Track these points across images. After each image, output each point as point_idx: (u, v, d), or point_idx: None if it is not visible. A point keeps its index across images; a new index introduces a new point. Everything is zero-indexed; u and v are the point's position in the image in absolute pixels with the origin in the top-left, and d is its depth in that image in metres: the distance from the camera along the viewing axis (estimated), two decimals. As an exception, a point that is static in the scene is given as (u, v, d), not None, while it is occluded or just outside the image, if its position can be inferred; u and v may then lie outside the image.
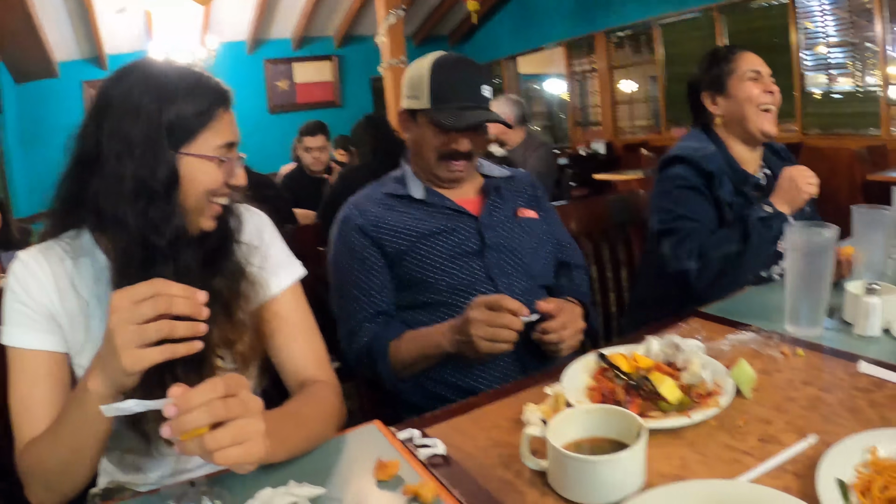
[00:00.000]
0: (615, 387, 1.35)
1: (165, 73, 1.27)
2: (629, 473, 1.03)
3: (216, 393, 0.94)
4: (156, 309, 0.98)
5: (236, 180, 1.33)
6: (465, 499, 1.06)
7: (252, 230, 1.46)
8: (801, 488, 1.01)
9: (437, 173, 1.91)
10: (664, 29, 8.98)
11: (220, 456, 0.93)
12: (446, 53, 1.93)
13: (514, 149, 5.11)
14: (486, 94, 1.88)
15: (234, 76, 10.76)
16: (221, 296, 1.31)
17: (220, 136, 1.28)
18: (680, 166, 2.12)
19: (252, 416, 0.97)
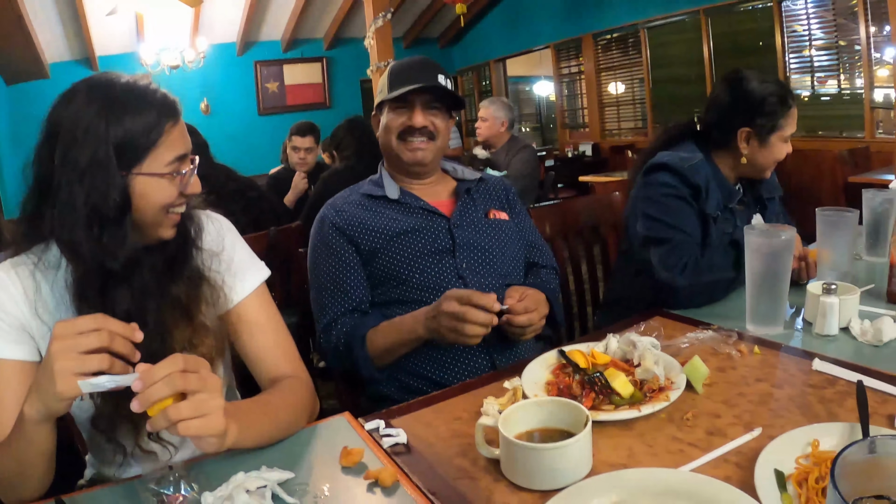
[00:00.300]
0: (571, 381, 1.41)
1: (111, 92, 1.24)
2: (575, 461, 1.08)
3: (176, 367, 1.02)
4: (99, 341, 1.03)
5: (191, 189, 1.33)
6: (423, 483, 1.13)
7: (213, 235, 1.48)
8: (741, 478, 1.06)
9: (399, 155, 1.98)
10: (651, 32, 9.04)
11: (182, 427, 1.02)
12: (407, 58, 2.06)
13: (498, 151, 5.16)
14: (441, 81, 1.96)
15: (225, 78, 10.82)
16: (180, 301, 1.35)
17: (170, 151, 1.27)
18: (666, 174, 2.12)
19: (211, 392, 1.05)
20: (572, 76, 11.03)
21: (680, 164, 2.11)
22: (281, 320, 1.55)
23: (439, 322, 1.64)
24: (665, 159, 2.15)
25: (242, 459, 1.22)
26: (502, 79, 12.62)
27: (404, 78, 1.94)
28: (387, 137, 1.99)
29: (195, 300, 1.38)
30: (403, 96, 1.92)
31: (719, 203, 2.13)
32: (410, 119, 1.93)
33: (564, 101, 11.36)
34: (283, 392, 1.40)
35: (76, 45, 9.47)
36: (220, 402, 1.06)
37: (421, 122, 1.93)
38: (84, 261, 1.21)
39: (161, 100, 1.28)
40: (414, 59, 2.02)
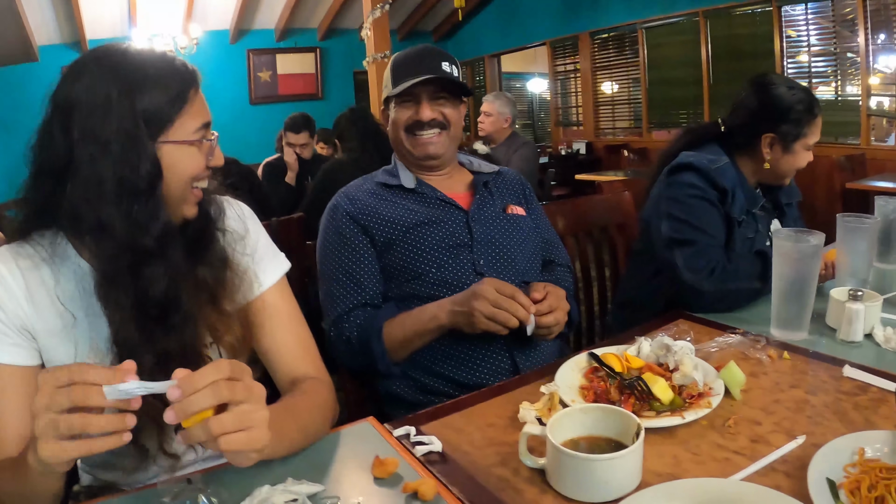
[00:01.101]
0: (608, 386, 1.37)
1: (129, 61, 1.18)
2: (627, 472, 1.05)
3: (221, 374, 0.92)
4: (70, 400, 0.86)
5: (215, 161, 1.29)
6: (465, 496, 1.07)
7: (235, 220, 1.41)
8: (791, 487, 1.04)
9: (409, 150, 1.93)
10: (648, 32, 9.04)
11: (224, 441, 0.91)
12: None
13: (498, 147, 5.13)
14: (446, 68, 1.90)
15: (217, 65, 10.72)
16: (207, 285, 1.27)
17: (196, 119, 1.23)
18: (692, 174, 2.09)
19: (256, 402, 0.95)
20: (567, 74, 11.03)
21: (707, 165, 2.09)
22: (302, 317, 1.49)
23: (472, 304, 1.59)
24: (691, 160, 2.12)
25: (265, 470, 1.14)
26: (497, 74, 12.61)
27: (407, 70, 1.89)
28: (396, 133, 1.95)
29: (221, 284, 1.31)
30: (409, 90, 1.87)
31: (743, 207, 2.10)
32: (418, 113, 1.89)
33: (559, 98, 11.34)
34: (308, 396, 1.32)
35: (67, 28, 9.34)
36: (266, 414, 0.96)
37: (429, 115, 1.89)
38: (114, 237, 1.12)
39: (182, 67, 1.23)
40: (415, 48, 1.97)
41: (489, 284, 1.59)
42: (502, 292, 1.57)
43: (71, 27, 9.30)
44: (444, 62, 1.90)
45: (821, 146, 6.58)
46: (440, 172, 2.00)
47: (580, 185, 7.80)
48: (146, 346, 1.13)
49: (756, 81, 2.20)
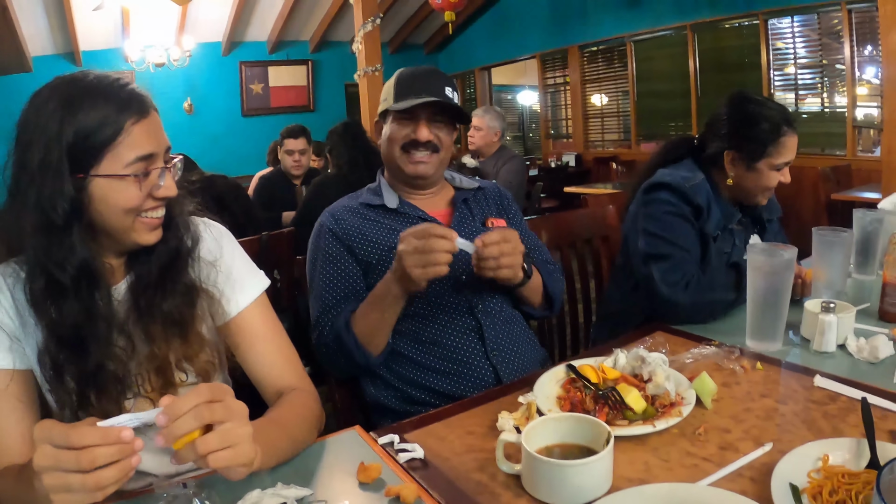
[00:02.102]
0: (584, 396, 1.42)
1: (72, 89, 1.18)
2: (598, 477, 1.09)
3: (201, 398, 0.97)
4: (79, 465, 0.90)
5: (163, 192, 1.25)
6: (445, 500, 1.13)
7: (210, 244, 1.44)
8: (756, 492, 1.09)
9: (401, 167, 1.94)
10: (637, 45, 9.12)
11: (212, 459, 0.97)
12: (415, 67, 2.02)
13: (487, 160, 5.16)
14: (448, 93, 1.93)
15: (209, 77, 10.77)
16: (172, 317, 1.31)
17: (132, 150, 1.19)
18: (667, 192, 2.13)
19: (238, 420, 1.01)
20: (557, 87, 11.09)
21: (682, 183, 2.13)
22: (283, 330, 1.52)
23: (403, 263, 1.60)
24: (667, 179, 2.16)
25: (256, 475, 1.17)
26: (487, 87, 12.65)
27: (412, 88, 1.91)
28: (390, 148, 1.96)
29: (189, 315, 1.34)
30: (409, 108, 1.89)
31: (719, 223, 2.15)
32: (415, 132, 1.89)
33: (549, 111, 11.42)
34: (294, 406, 1.37)
35: (60, 39, 9.36)
36: (249, 430, 1.02)
37: (426, 136, 1.90)
38: (34, 270, 1.18)
39: (124, 95, 1.21)
40: (422, 68, 1.99)
41: (404, 238, 1.61)
42: (417, 236, 1.59)
43: (64, 38, 9.31)
44: (448, 87, 1.93)
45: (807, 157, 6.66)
46: (426, 191, 2.03)
47: (569, 198, 7.83)
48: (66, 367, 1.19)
49: (730, 96, 2.23)
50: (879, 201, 2.77)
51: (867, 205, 2.45)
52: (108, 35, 9.61)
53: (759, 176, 2.14)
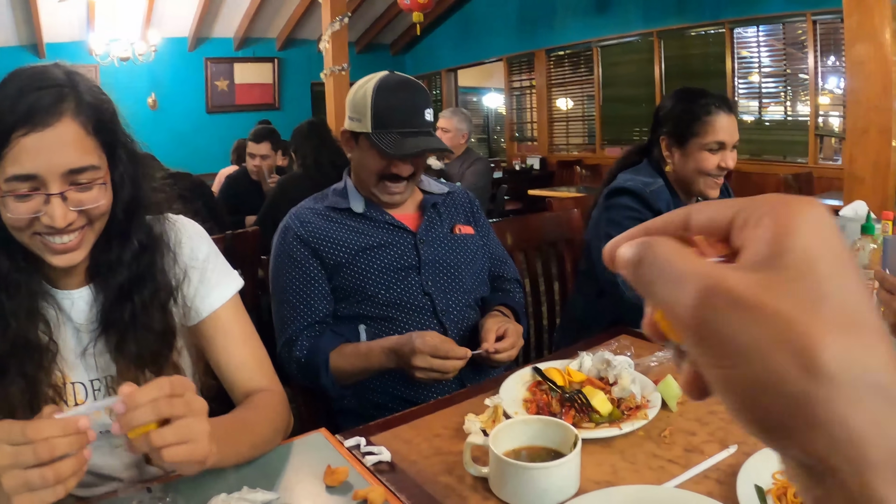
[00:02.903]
0: (550, 399, 1.43)
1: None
2: (565, 479, 1.10)
3: (162, 392, 0.97)
4: (37, 458, 0.89)
5: (46, 222, 1.12)
6: (412, 503, 1.12)
7: (183, 247, 1.38)
8: (722, 493, 1.10)
9: (376, 193, 1.92)
10: (603, 51, 9.20)
11: (166, 453, 0.96)
12: (390, 74, 1.92)
13: (452, 162, 5.15)
14: (428, 118, 1.89)
15: (174, 73, 10.64)
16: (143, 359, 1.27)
17: (13, 166, 1.08)
18: (628, 198, 2.15)
19: (197, 416, 1.00)
20: (523, 90, 11.15)
21: (642, 188, 2.15)
22: (254, 331, 1.49)
23: (415, 373, 1.64)
24: (628, 184, 2.18)
25: (222, 479, 1.18)
26: (453, 89, 12.66)
27: (390, 113, 1.83)
28: (366, 176, 1.90)
29: (165, 357, 1.31)
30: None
31: None
32: (397, 168, 1.85)
33: (514, 114, 11.46)
34: (259, 407, 1.34)
35: (24, 31, 9.19)
36: (206, 427, 1.01)
37: (407, 173, 1.88)
38: None
39: (28, 100, 1.09)
40: (401, 85, 1.89)
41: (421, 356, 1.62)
42: (437, 355, 1.61)
43: (29, 30, 9.15)
44: (427, 109, 1.88)
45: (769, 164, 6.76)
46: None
47: (533, 201, 7.87)
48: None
49: (673, 91, 2.30)
50: (841, 209, 2.81)
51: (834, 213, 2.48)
52: (73, 28, 9.45)
53: (693, 158, 2.17)
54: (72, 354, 1.26)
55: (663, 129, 2.23)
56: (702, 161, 2.15)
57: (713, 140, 2.13)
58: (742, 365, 0.32)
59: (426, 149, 1.86)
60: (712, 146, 2.14)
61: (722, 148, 2.14)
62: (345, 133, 1.97)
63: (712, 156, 2.14)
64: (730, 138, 2.14)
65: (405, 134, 1.83)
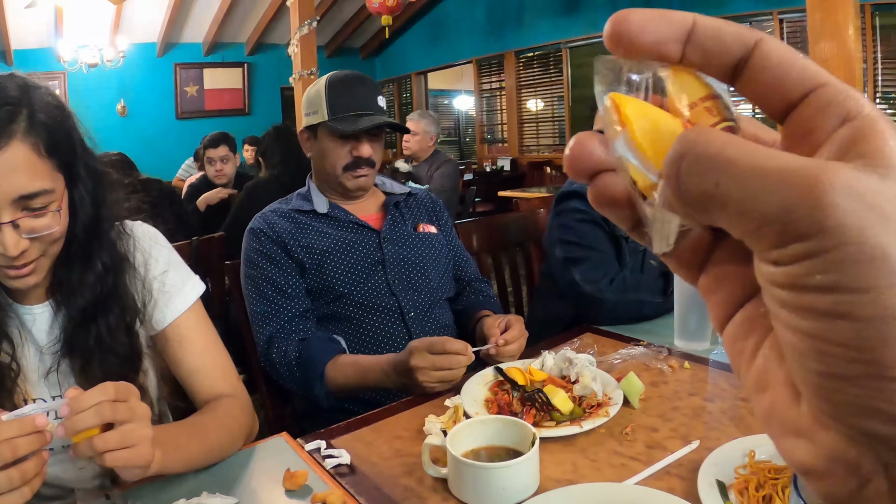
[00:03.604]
0: (511, 399, 1.42)
1: None
2: (524, 478, 1.09)
3: (106, 396, 0.97)
4: (2, 459, 0.89)
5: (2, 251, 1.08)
6: (370, 505, 1.11)
7: (141, 256, 1.36)
8: (684, 489, 1.10)
9: (343, 182, 1.94)
10: (572, 51, 9.25)
11: (109, 457, 0.96)
12: (339, 72, 2.00)
13: (420, 164, 5.16)
14: (381, 104, 1.96)
15: (143, 79, 10.56)
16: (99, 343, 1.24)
17: None
18: (576, 201, 2.17)
19: (139, 421, 1.00)
20: (493, 92, 11.17)
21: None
22: (217, 337, 1.47)
23: (416, 378, 1.54)
24: (575, 187, 2.21)
25: (181, 484, 1.17)
26: (423, 92, 12.66)
27: (348, 102, 1.90)
28: (331, 167, 1.94)
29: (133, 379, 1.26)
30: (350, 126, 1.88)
31: None
32: (358, 150, 1.91)
33: (484, 116, 11.50)
34: (215, 413, 1.32)
35: (-9, 37, 9.08)
36: (149, 432, 1.01)
37: (368, 153, 1.92)
38: None
39: None
40: (350, 75, 1.98)
41: (419, 354, 1.54)
42: (434, 351, 1.54)
43: (-5, 36, 9.05)
44: (379, 96, 1.95)
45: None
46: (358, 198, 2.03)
47: (504, 202, 7.89)
48: None
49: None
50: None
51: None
52: (41, 34, 9.35)
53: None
54: (34, 374, 1.24)
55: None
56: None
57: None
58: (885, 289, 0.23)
59: (382, 124, 1.91)
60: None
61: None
62: (303, 133, 2.02)
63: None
64: None
65: (360, 115, 1.90)
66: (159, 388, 1.45)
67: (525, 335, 1.72)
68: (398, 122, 1.98)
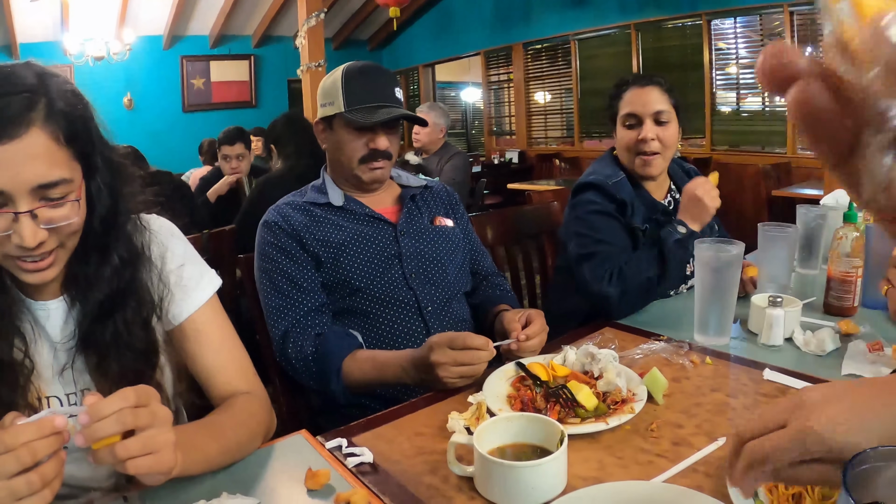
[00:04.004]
0: (534, 395, 1.40)
1: None
2: (552, 477, 1.07)
3: (127, 402, 0.94)
4: (21, 464, 0.87)
5: (14, 240, 1.06)
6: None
7: (158, 250, 1.33)
8: (712, 487, 1.07)
9: (358, 175, 1.92)
10: (581, 43, 9.20)
11: (131, 465, 0.93)
12: (355, 62, 1.97)
13: (430, 157, 5.14)
14: (397, 95, 1.93)
15: (150, 72, 10.57)
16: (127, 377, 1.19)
17: None
18: (591, 193, 2.17)
19: (161, 426, 0.97)
20: (501, 84, 11.14)
21: (604, 181, 2.16)
22: (234, 332, 1.44)
23: (437, 374, 1.51)
24: (591, 179, 2.20)
25: (200, 485, 1.15)
26: (431, 84, 12.64)
27: (366, 94, 1.88)
28: (347, 159, 1.91)
29: (149, 375, 1.27)
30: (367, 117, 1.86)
31: (645, 216, 2.17)
32: (374, 142, 1.88)
33: (492, 108, 11.47)
34: (233, 411, 1.29)
35: (-2, 31, 9.07)
36: (171, 437, 0.98)
37: (385, 146, 1.89)
38: None
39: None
40: (368, 66, 1.95)
41: (440, 349, 1.51)
42: (455, 346, 1.50)
43: (2, 31, 9.04)
44: (396, 88, 1.93)
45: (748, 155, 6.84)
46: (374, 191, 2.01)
47: (513, 194, 7.87)
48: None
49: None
50: (820, 198, 2.82)
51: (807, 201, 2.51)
52: (47, 28, 9.34)
53: (617, 137, 2.22)
54: (48, 371, 1.21)
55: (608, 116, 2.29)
56: (621, 138, 2.20)
57: (625, 114, 2.18)
58: None
59: (399, 116, 1.88)
60: (627, 121, 2.17)
61: (638, 121, 2.16)
62: (318, 124, 1.99)
63: (629, 131, 2.17)
64: (643, 109, 2.15)
65: (377, 107, 1.87)
66: (175, 384, 1.42)
67: (546, 330, 1.69)
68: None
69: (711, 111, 7.54)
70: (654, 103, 2.14)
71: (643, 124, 2.13)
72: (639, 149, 2.15)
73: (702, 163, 6.97)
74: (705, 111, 7.51)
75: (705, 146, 7.59)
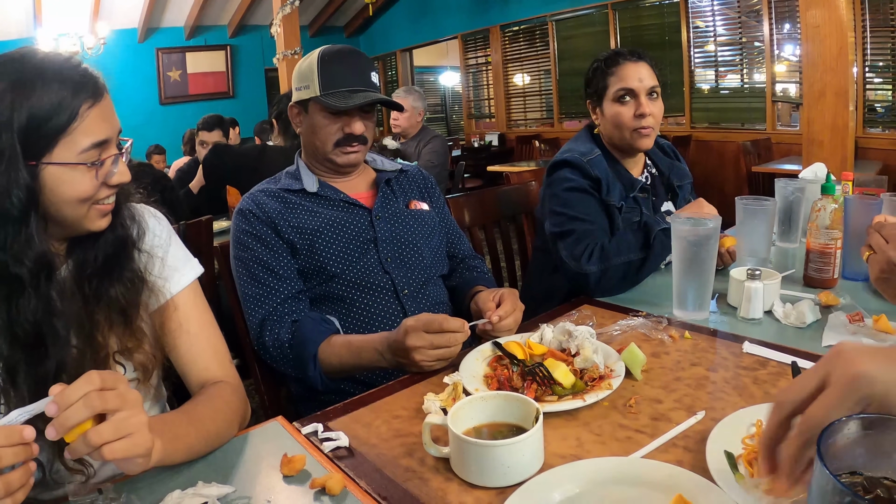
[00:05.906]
0: (511, 374, 1.39)
1: (22, 69, 1.10)
2: (528, 455, 1.06)
3: (93, 386, 0.92)
4: None
5: (117, 179, 1.19)
6: (372, 488, 1.08)
7: (152, 235, 1.37)
8: (692, 461, 1.07)
9: (332, 159, 1.90)
10: (558, 24, 9.20)
11: (107, 450, 0.92)
12: (332, 46, 1.95)
13: (408, 141, 5.12)
14: (374, 80, 1.91)
15: (125, 65, 10.46)
16: (118, 303, 1.24)
17: (88, 136, 1.12)
18: (567, 170, 2.16)
19: (132, 408, 0.96)
20: (479, 67, 11.14)
21: (579, 158, 2.15)
22: (213, 321, 1.45)
23: (413, 359, 1.49)
24: (566, 156, 2.19)
25: (176, 475, 1.13)
26: (409, 69, 12.61)
27: (342, 78, 1.85)
28: (322, 143, 1.89)
29: (134, 303, 1.27)
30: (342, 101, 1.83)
31: (622, 193, 2.16)
32: (350, 126, 1.86)
33: (471, 91, 11.45)
34: (210, 399, 1.30)
35: (-32, 30, 8.95)
36: (144, 419, 0.97)
37: (360, 130, 1.87)
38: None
39: (77, 77, 1.13)
40: (345, 50, 1.92)
41: (415, 333, 1.49)
42: (430, 329, 1.49)
43: (-27, 29, 8.93)
44: (372, 72, 1.91)
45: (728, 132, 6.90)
46: (346, 175, 1.99)
47: (493, 177, 7.87)
48: (26, 368, 1.11)
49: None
50: (799, 172, 2.82)
51: (787, 176, 2.51)
52: (20, 23, 9.25)
53: (608, 114, 2.20)
54: None
55: (586, 94, 2.29)
56: (616, 114, 2.18)
57: (619, 88, 2.16)
58: None
59: (375, 101, 1.86)
60: (622, 96, 2.16)
61: (633, 96, 2.15)
62: (293, 108, 1.97)
63: (624, 107, 2.16)
64: (639, 84, 2.15)
65: (353, 91, 1.85)
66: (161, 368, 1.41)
67: (520, 308, 1.68)
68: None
69: (690, 89, 7.57)
70: (648, 78, 2.15)
71: (638, 98, 2.14)
72: (637, 124, 2.14)
73: (682, 140, 7.00)
74: (684, 89, 7.53)
75: (685, 124, 7.61)
